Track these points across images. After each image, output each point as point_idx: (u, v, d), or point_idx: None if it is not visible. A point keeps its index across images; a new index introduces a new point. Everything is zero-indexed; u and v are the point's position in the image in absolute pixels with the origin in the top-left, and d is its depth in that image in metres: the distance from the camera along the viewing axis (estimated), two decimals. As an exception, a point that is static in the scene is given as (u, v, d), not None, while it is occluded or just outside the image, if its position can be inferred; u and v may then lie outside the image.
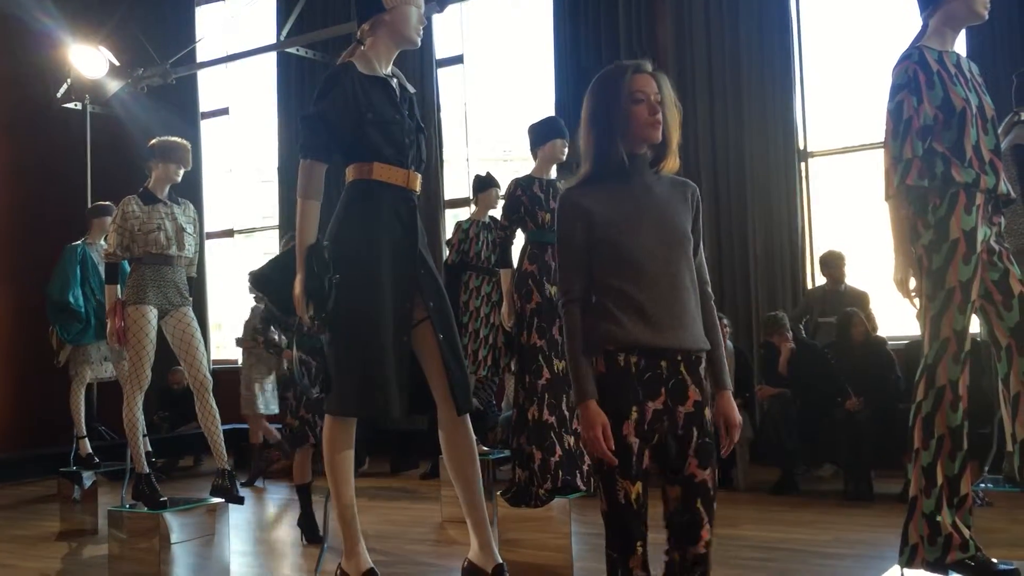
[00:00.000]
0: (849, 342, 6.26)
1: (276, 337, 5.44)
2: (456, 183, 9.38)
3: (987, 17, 3.29)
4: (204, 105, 10.85)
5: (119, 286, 4.94)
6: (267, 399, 7.71)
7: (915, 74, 3.19)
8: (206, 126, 10.85)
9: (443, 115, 9.33)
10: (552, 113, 7.71)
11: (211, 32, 9.94)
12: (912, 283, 3.26)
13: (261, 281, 3.43)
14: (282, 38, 9.26)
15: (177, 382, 8.93)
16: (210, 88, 10.94)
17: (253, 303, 7.30)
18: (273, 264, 3.44)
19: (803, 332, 6.80)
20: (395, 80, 3.29)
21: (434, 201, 8.99)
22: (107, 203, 6.29)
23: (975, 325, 3.25)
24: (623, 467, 2.25)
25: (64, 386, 6.52)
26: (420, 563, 4.77)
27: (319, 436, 4.48)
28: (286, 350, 4.26)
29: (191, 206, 5.10)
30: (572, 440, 4.38)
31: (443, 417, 3.23)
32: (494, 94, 9.51)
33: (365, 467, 7.80)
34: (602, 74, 2.42)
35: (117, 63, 9.18)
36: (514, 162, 9.83)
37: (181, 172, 4.95)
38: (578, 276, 2.34)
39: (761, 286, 7.61)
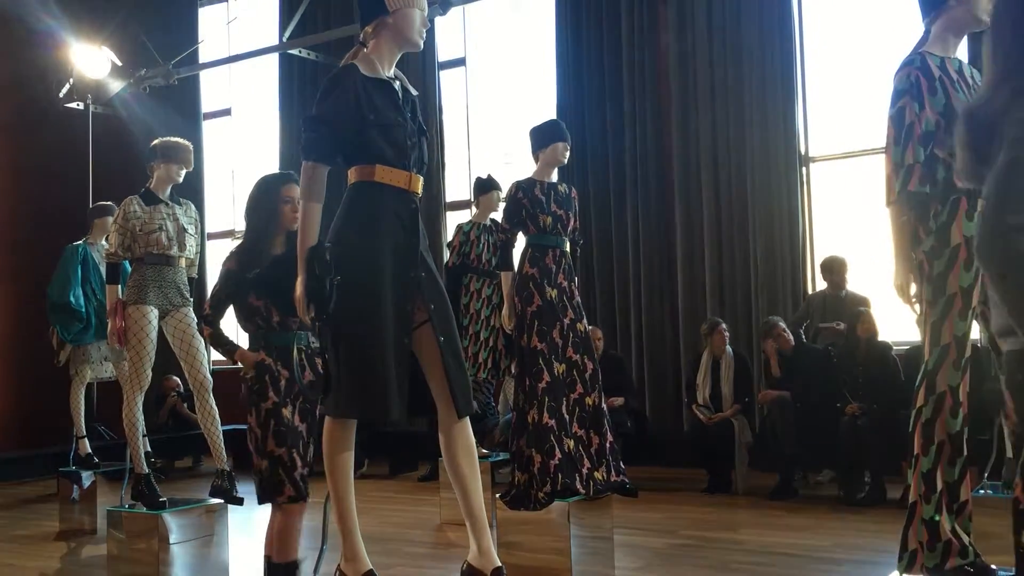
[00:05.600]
0: (855, 340, 6.31)
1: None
2: (457, 185, 9.38)
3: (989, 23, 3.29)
4: (206, 106, 10.86)
5: (120, 286, 4.95)
6: None
7: (917, 80, 3.19)
8: (208, 127, 10.86)
9: (445, 117, 9.34)
10: (554, 116, 7.71)
11: (213, 33, 9.94)
12: (913, 289, 3.26)
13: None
14: (284, 39, 9.26)
15: (174, 388, 8.95)
16: (212, 89, 10.96)
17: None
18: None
19: (803, 337, 6.80)
20: (398, 82, 3.29)
21: (435, 203, 9.00)
22: (108, 203, 6.28)
23: (976, 331, 3.25)
24: None
25: (64, 386, 6.52)
26: (419, 565, 4.76)
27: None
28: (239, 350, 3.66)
29: (192, 207, 5.11)
30: (571, 443, 4.37)
31: (443, 420, 3.22)
32: (496, 97, 9.51)
33: (364, 469, 7.79)
34: None
35: (119, 63, 9.18)
36: (515, 165, 9.82)
37: (183, 172, 4.96)
38: None
39: (762, 291, 7.61)
